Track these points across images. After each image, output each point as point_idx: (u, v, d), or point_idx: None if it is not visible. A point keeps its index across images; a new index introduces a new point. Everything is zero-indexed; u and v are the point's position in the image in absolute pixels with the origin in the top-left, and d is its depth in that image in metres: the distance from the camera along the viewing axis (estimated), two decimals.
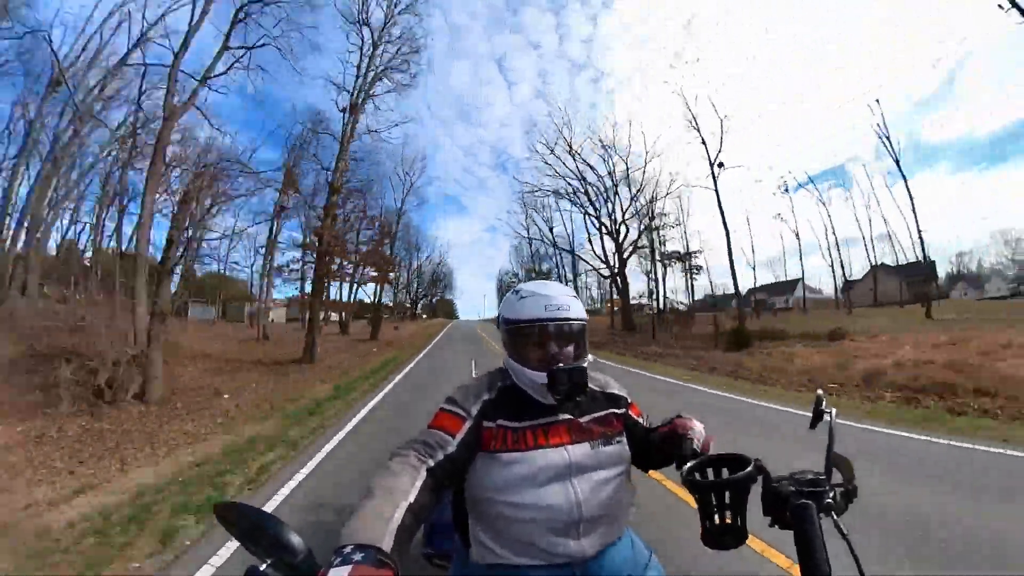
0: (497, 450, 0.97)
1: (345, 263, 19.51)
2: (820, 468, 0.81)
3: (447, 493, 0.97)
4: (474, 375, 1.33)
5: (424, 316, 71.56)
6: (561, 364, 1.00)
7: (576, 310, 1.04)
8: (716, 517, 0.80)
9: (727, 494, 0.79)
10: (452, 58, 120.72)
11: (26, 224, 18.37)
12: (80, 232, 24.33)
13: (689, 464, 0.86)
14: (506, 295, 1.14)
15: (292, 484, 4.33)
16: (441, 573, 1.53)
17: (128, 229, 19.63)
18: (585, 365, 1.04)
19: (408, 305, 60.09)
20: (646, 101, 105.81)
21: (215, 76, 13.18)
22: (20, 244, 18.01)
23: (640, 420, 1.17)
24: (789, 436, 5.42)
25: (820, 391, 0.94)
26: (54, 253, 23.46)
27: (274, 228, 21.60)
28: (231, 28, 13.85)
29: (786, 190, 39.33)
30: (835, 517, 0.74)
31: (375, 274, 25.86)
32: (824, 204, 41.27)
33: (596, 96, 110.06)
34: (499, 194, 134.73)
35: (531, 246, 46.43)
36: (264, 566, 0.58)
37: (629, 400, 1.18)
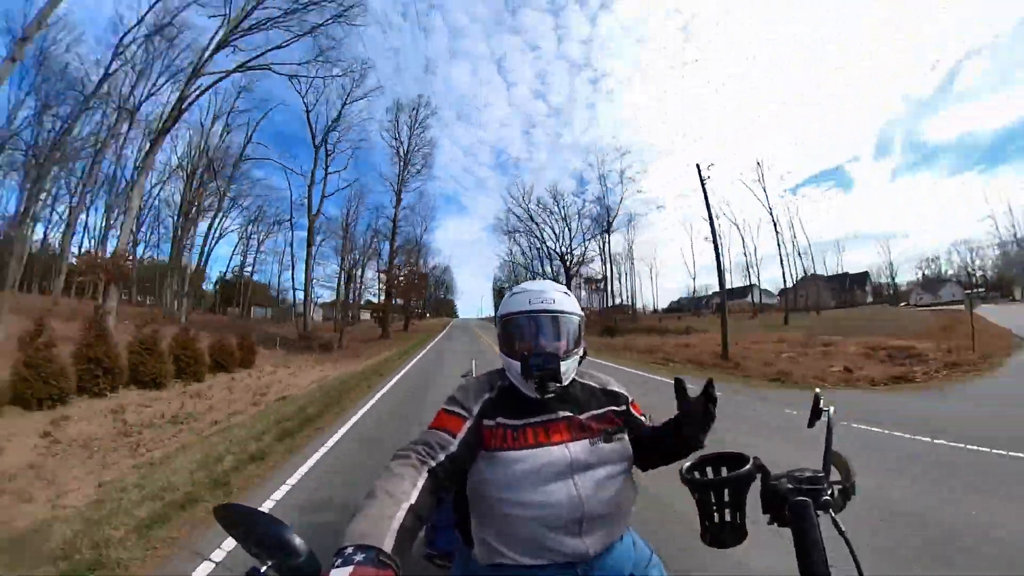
0: (498, 448, 0.97)
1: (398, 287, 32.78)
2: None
3: (449, 494, 0.96)
4: (474, 374, 1.38)
5: (428, 315, 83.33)
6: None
7: (562, 303, 1.05)
8: (715, 515, 0.80)
9: (726, 492, 0.79)
10: (451, 59, 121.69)
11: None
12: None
13: (688, 462, 0.87)
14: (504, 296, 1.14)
15: (416, 358, 16.42)
16: (443, 573, 1.55)
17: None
18: (559, 353, 1.03)
19: (415, 306, 72.43)
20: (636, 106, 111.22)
21: (330, 195, 25.39)
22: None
23: (642, 419, 1.14)
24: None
25: (818, 390, 0.91)
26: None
27: (343, 262, 33.92)
28: (327, 161, 25.90)
29: (714, 220, 51.13)
30: (833, 515, 0.74)
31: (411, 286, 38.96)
32: (738, 228, 52.34)
33: (595, 96, 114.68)
34: (498, 194, 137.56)
35: (512, 268, 58.00)
36: (265, 568, 0.58)
37: (630, 398, 1.16)
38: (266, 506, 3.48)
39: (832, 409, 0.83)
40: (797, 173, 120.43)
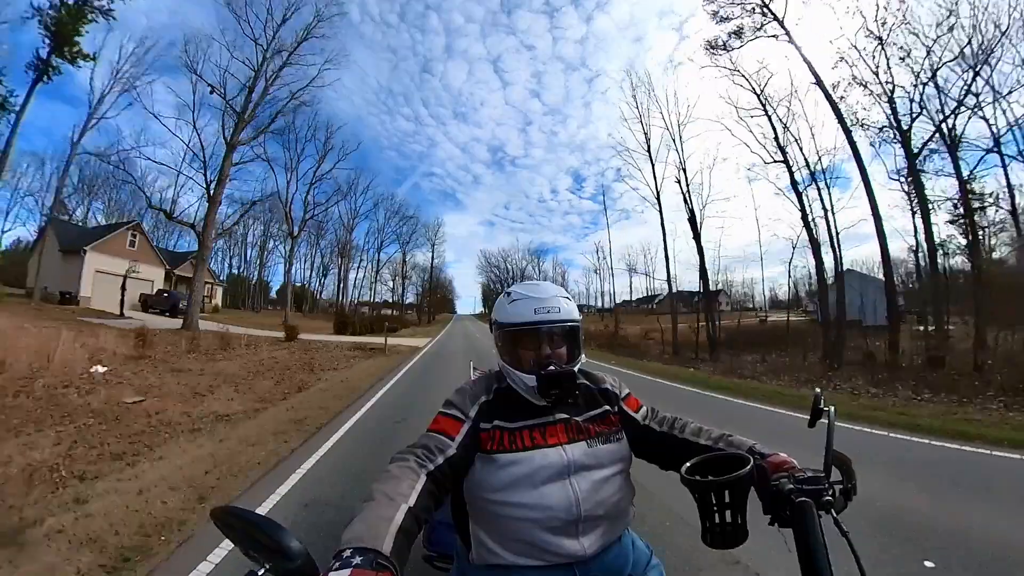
0: (495, 451, 0.98)
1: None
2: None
3: (447, 496, 0.96)
4: (472, 376, 1.41)
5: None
6: (552, 367, 1.01)
7: (567, 311, 1.04)
8: (716, 516, 0.80)
9: (726, 493, 0.79)
10: (447, 59, 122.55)
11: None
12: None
13: (688, 464, 0.87)
14: (498, 297, 1.14)
15: (448, 326, 51.47)
16: (442, 574, 1.57)
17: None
18: (575, 369, 1.05)
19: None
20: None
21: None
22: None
23: (636, 414, 1.13)
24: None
25: (818, 390, 0.92)
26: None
27: (397, 285, 66.97)
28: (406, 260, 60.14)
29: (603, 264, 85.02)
30: (834, 515, 0.75)
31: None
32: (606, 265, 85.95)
33: (591, 95, 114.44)
34: (495, 190, 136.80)
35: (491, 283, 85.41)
36: (262, 571, 0.59)
37: (623, 395, 1.16)
38: (437, 330, 38.83)
39: (833, 409, 0.84)
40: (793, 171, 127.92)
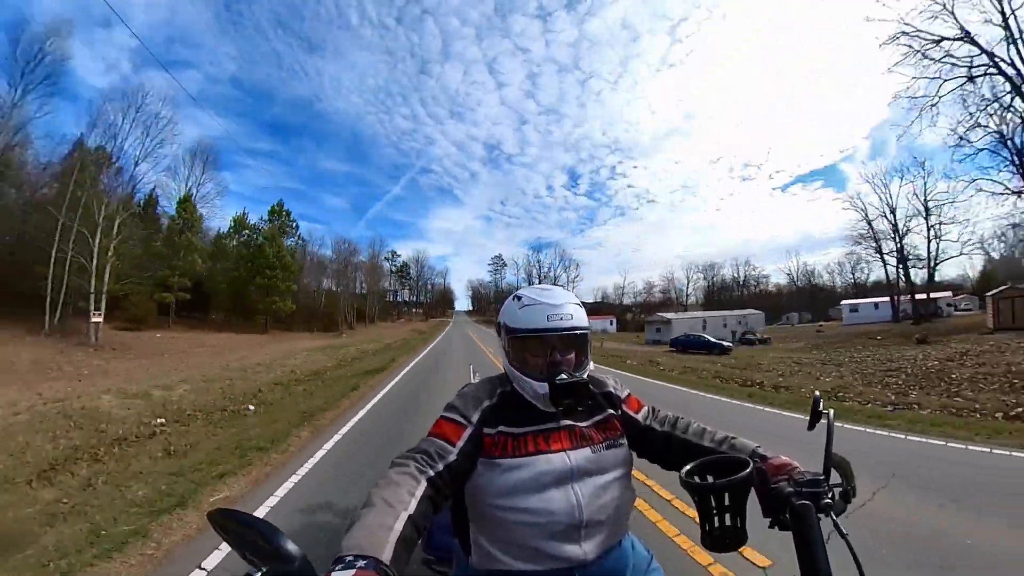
0: (498, 456, 0.97)
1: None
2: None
3: (447, 502, 0.94)
4: (473, 380, 1.39)
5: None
6: (563, 376, 1.00)
7: (578, 318, 1.04)
8: (716, 519, 0.80)
9: (726, 496, 0.79)
10: (444, 60, 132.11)
11: None
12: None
13: (688, 467, 0.87)
14: (507, 300, 1.12)
15: (453, 318, 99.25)
16: None
17: None
18: (587, 377, 1.04)
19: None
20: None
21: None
22: None
23: (636, 415, 1.14)
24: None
25: (817, 393, 0.92)
26: None
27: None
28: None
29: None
30: (834, 517, 0.75)
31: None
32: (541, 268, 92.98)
33: (585, 95, 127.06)
34: (491, 187, 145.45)
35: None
36: (259, 574, 0.58)
37: (623, 396, 1.16)
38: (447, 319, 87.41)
39: (832, 412, 0.85)
40: (788, 172, 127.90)
